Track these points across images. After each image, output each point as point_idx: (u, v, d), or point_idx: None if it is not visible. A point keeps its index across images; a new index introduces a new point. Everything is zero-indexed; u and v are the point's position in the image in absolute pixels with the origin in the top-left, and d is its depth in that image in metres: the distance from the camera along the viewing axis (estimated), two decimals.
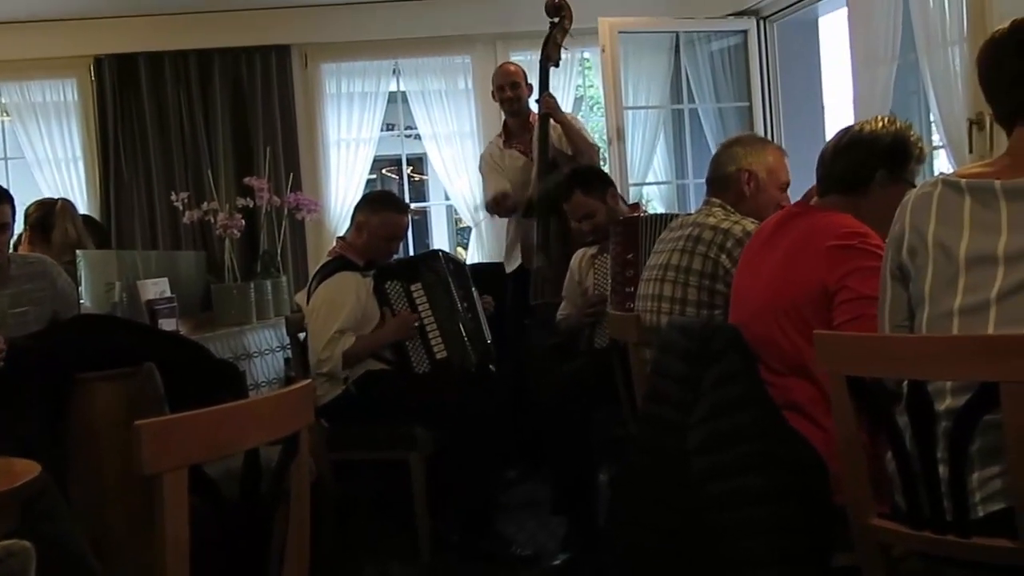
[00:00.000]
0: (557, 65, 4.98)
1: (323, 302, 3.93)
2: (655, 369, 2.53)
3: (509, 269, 5.11)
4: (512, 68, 5.13)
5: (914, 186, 2.44)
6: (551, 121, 4.87)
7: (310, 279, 4.20)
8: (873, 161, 2.46)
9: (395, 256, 4.31)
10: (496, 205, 5.05)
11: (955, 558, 1.81)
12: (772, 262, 2.49)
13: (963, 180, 1.91)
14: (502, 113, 5.25)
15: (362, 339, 3.92)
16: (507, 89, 5.03)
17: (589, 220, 4.18)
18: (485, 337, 4.21)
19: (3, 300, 3.72)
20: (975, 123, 4.05)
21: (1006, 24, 1.95)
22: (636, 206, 4.76)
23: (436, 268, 4.15)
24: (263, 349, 4.46)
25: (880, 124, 2.49)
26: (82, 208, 6.14)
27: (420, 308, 4.05)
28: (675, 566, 2.28)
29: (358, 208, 4.22)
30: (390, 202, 4.23)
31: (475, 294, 4.29)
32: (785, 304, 2.38)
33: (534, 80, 5.13)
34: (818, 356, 1.91)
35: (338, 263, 4.06)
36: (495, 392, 4.08)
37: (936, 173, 5.23)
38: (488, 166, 5.26)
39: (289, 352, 4.44)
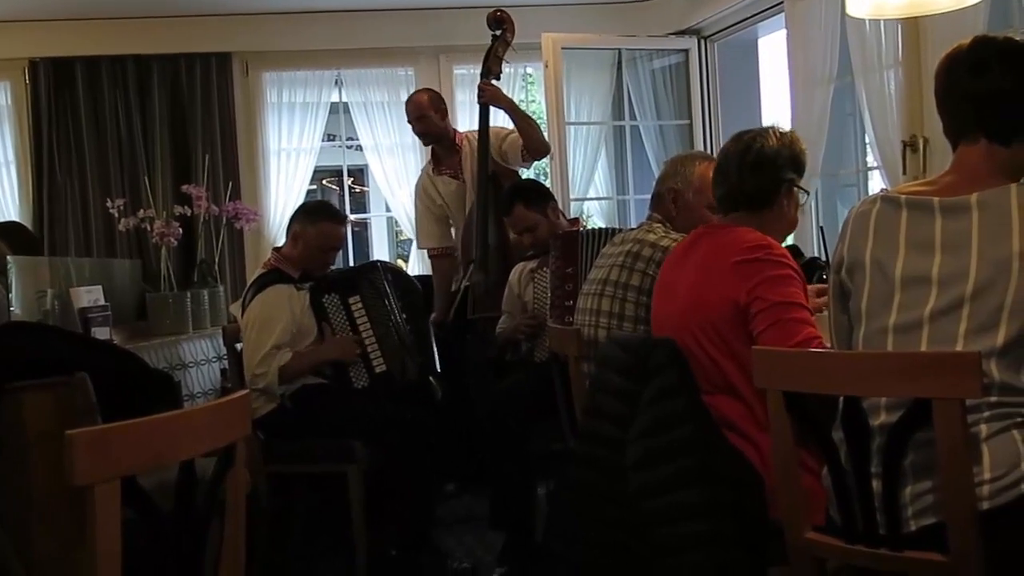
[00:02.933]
0: (498, 78, 4.96)
1: (257, 317, 3.85)
2: (594, 384, 2.54)
3: (455, 285, 4.97)
4: (416, 99, 4.97)
5: (804, 191, 2.62)
6: (490, 138, 4.81)
7: (245, 290, 4.13)
8: (779, 176, 2.56)
9: (332, 267, 4.26)
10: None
11: (888, 571, 1.84)
12: (685, 282, 2.54)
13: (903, 196, 1.95)
14: None
15: (299, 356, 3.85)
16: (414, 124, 4.95)
17: (530, 233, 4.19)
18: (426, 348, 4.17)
19: None
20: (909, 145, 4.14)
21: (968, 39, 1.98)
22: (576, 221, 4.78)
23: (374, 280, 4.09)
24: (199, 359, 4.40)
25: (774, 139, 2.57)
26: (14, 213, 6.04)
27: (359, 321, 3.99)
28: None
29: (294, 218, 4.11)
30: (327, 212, 4.13)
31: (419, 302, 4.23)
32: (702, 323, 2.42)
33: (467, 93, 5.09)
34: (755, 372, 1.93)
35: (272, 275, 3.98)
36: (434, 405, 4.06)
37: (870, 193, 5.34)
38: (422, 203, 5.10)
39: (226, 363, 4.38)
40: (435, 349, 4.22)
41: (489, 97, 4.78)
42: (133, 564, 1.54)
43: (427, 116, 4.90)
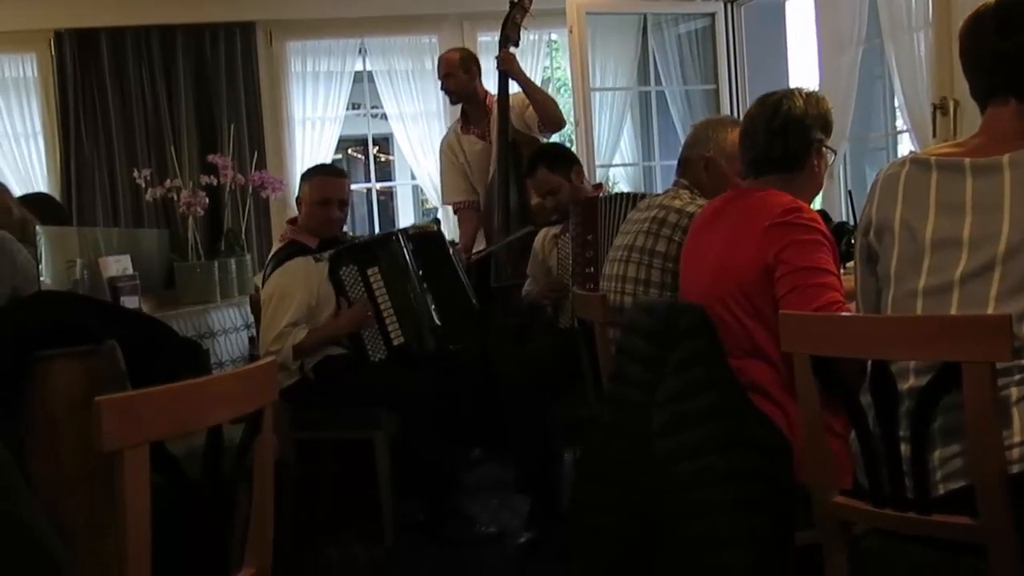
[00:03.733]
0: (516, 45, 4.93)
1: (272, 294, 3.86)
2: (620, 349, 2.54)
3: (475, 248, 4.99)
4: (448, 56, 5.02)
5: (832, 151, 2.60)
6: (510, 102, 4.81)
7: (264, 266, 4.14)
8: (809, 138, 2.54)
9: (352, 234, 4.24)
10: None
11: (915, 535, 1.83)
12: (715, 247, 2.52)
13: (932, 158, 1.92)
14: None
15: (314, 332, 3.84)
16: (441, 81, 4.99)
17: (552, 197, 4.17)
18: (460, 311, 4.12)
19: None
20: (939, 108, 4.08)
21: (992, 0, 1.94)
22: (599, 187, 4.76)
23: (393, 251, 4.04)
24: (227, 328, 4.41)
25: (801, 100, 2.54)
26: (42, 184, 6.08)
27: (377, 293, 3.94)
28: (637, 547, 2.28)
29: (299, 189, 4.16)
30: (320, 168, 4.20)
31: (449, 261, 4.19)
32: (731, 288, 2.41)
33: (490, 61, 5.09)
34: (782, 336, 1.91)
35: (289, 249, 3.97)
36: (458, 372, 4.05)
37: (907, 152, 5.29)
38: (447, 159, 5.14)
39: (253, 331, 4.40)
40: (468, 284, 4.19)
41: (506, 67, 4.77)
42: (163, 529, 1.55)
43: (454, 75, 4.92)
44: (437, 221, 4.45)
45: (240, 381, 1.74)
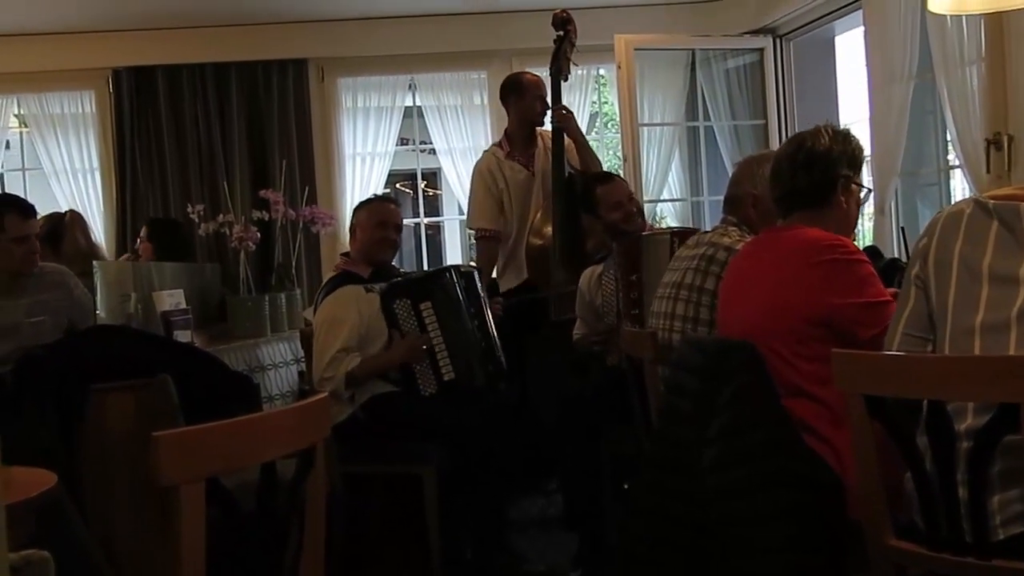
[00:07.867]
0: (566, 79, 4.96)
1: (324, 320, 3.87)
2: (669, 386, 2.53)
3: (505, 287, 4.94)
4: (541, 80, 5.03)
5: (866, 188, 2.62)
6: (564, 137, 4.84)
7: (316, 295, 4.17)
8: (833, 172, 2.53)
9: (400, 268, 4.27)
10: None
11: None
12: (759, 286, 2.52)
13: (992, 202, 1.93)
14: (511, 123, 5.07)
15: (368, 361, 3.82)
16: (538, 103, 4.93)
17: (620, 209, 4.18)
18: (496, 355, 4.13)
19: (20, 309, 3.74)
20: (992, 143, 4.04)
21: None
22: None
23: (446, 286, 4.03)
24: (277, 362, 4.45)
25: (826, 136, 2.55)
26: (98, 219, 6.20)
27: (429, 327, 3.93)
28: None
29: (352, 219, 4.22)
30: (374, 197, 4.29)
31: (485, 305, 4.20)
32: (779, 326, 2.39)
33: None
34: (835, 374, 1.90)
35: (341, 278, 4.00)
36: (504, 409, 4.04)
37: (952, 192, 5.23)
38: (482, 181, 5.02)
39: (303, 365, 4.43)
40: (499, 350, 4.17)
41: (564, 124, 4.79)
42: (216, 561, 1.57)
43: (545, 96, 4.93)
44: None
45: (295, 417, 1.75)
